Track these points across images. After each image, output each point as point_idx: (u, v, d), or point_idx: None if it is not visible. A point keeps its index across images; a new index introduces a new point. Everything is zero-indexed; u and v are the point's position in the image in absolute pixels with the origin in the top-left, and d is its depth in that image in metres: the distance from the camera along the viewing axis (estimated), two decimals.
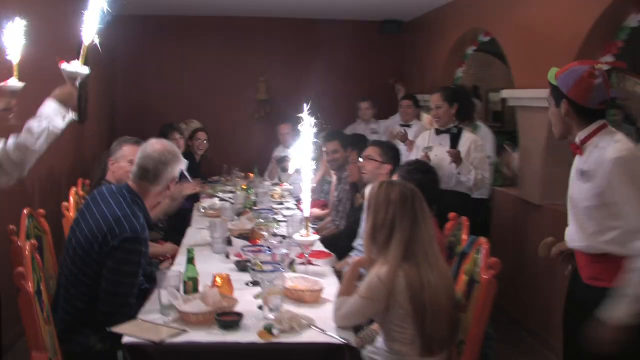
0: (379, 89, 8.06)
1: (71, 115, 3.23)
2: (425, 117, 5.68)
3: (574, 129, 2.59)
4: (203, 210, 5.18)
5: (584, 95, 2.51)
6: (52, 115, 3.10)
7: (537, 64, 4.70)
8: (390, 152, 4.28)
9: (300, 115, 3.69)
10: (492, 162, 5.38)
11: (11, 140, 3.06)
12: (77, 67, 3.18)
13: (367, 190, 2.72)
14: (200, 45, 8.22)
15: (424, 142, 4.79)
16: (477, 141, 4.59)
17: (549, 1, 4.66)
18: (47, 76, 3.65)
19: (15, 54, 3.18)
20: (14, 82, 3.20)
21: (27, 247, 2.49)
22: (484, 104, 10.28)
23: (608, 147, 2.46)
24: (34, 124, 3.06)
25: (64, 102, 3.15)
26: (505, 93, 5.18)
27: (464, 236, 3.14)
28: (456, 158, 4.36)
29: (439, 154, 4.53)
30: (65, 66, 3.17)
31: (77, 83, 3.23)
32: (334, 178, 5.44)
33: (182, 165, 3.09)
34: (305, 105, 3.66)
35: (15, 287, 2.29)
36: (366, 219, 2.69)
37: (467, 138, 4.57)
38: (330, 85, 8.18)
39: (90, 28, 3.12)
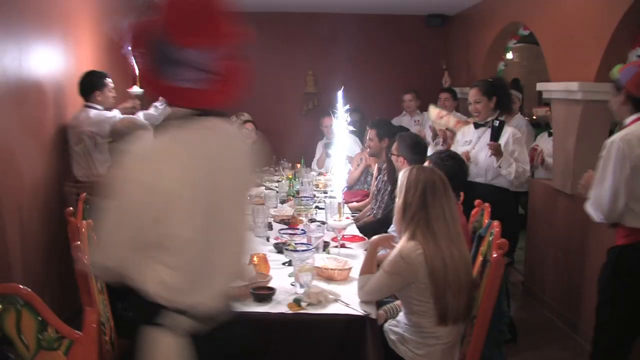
0: (423, 81, 8.18)
1: None
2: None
3: (627, 116, 3.00)
4: (248, 199, 5.39)
5: (638, 87, 2.90)
6: None
7: (570, 58, 4.78)
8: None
9: (340, 108, 3.90)
10: None
11: (147, 112, 5.05)
12: None
13: (400, 174, 2.91)
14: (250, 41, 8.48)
15: (464, 136, 4.83)
16: (516, 134, 4.53)
17: None
18: None
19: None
20: (137, 89, 5.26)
21: (84, 226, 2.78)
22: (535, 95, 10.25)
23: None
24: (157, 104, 5.03)
25: None
26: (540, 86, 5.24)
27: (485, 221, 3.29)
28: (496, 151, 4.34)
29: (477, 147, 4.61)
30: None
31: None
32: (375, 168, 5.53)
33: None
34: (341, 97, 3.87)
35: None
36: (397, 198, 2.84)
37: (506, 131, 4.57)
38: (377, 78, 8.38)
39: None
